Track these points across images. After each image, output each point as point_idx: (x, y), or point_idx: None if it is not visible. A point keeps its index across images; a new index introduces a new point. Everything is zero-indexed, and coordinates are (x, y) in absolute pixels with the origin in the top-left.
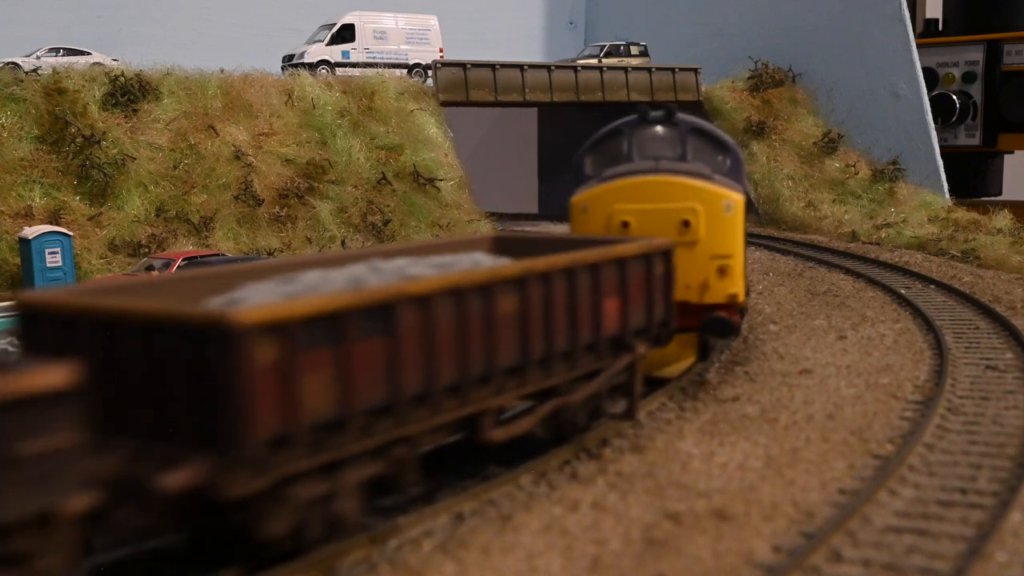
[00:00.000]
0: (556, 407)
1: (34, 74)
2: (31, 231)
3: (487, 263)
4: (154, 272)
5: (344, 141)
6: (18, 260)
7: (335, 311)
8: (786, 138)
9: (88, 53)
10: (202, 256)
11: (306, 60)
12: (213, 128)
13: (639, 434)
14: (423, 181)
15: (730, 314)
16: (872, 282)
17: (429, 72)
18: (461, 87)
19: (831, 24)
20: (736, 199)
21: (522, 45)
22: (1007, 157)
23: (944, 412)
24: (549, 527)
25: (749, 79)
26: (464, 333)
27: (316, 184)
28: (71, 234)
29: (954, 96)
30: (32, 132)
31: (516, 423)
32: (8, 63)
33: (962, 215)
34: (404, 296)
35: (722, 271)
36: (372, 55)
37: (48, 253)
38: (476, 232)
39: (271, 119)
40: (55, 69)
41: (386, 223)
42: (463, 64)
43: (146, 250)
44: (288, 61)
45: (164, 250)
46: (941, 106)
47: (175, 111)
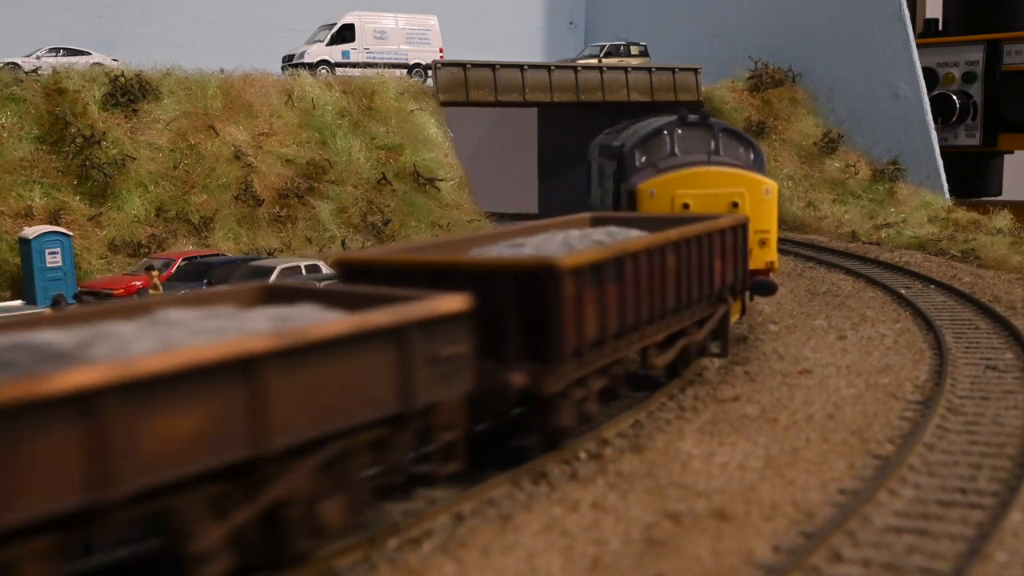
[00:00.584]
0: (685, 344)
1: (34, 74)
2: (31, 231)
3: (603, 238)
4: (154, 272)
5: (344, 141)
6: (18, 260)
7: (598, 261)
8: (786, 138)
9: (88, 53)
10: (202, 256)
11: (306, 60)
12: (213, 128)
13: (639, 434)
14: (423, 181)
15: (769, 277)
16: (872, 282)
17: (429, 72)
18: (461, 87)
19: (831, 24)
20: (772, 185)
21: (522, 45)
22: (1007, 157)
23: (944, 412)
24: (549, 527)
25: (749, 79)
26: (651, 282)
27: (316, 184)
28: (71, 234)
29: (954, 96)
30: (32, 132)
31: (664, 354)
32: (8, 63)
33: (962, 215)
34: (627, 252)
35: (762, 243)
36: (372, 55)
37: (48, 253)
38: (574, 214)
39: (271, 119)
40: (55, 69)
41: (386, 223)
42: (463, 64)
43: (146, 250)
44: (288, 61)
45: (164, 250)
46: (941, 106)
47: (175, 111)
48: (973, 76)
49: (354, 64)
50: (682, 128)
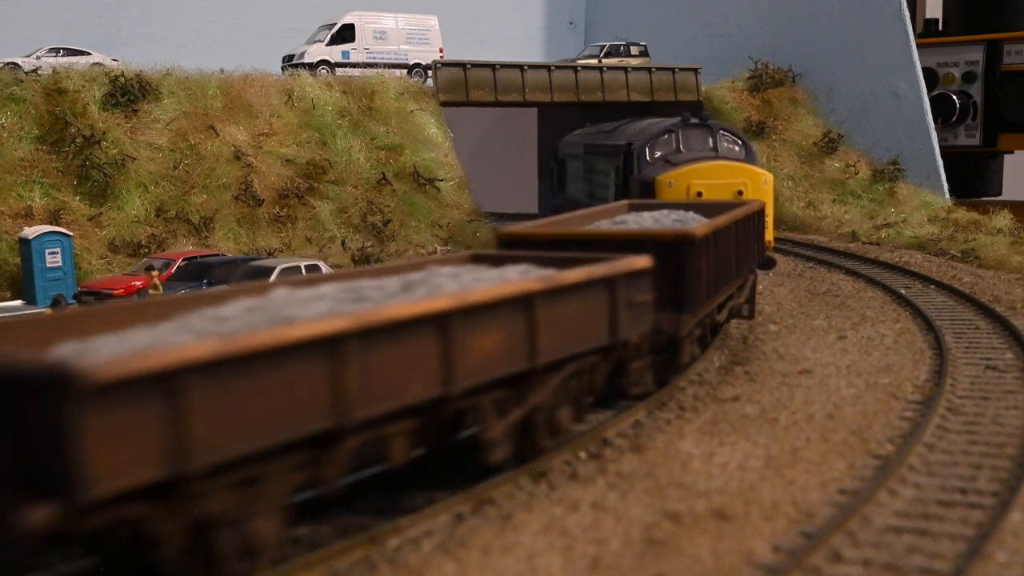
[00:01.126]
0: (732, 306)
1: (34, 74)
2: (31, 231)
3: (682, 217)
4: (154, 272)
5: (344, 141)
6: (18, 260)
7: (710, 233)
8: (786, 138)
9: (88, 53)
10: (202, 256)
11: (306, 60)
12: (213, 128)
13: (639, 434)
14: (423, 181)
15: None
16: (872, 282)
17: (429, 72)
18: (461, 87)
19: (831, 24)
20: (769, 176)
21: (522, 45)
22: (1007, 157)
23: (944, 412)
24: (549, 527)
25: (749, 79)
26: (727, 251)
27: (316, 184)
28: (71, 234)
29: (954, 96)
30: (32, 132)
31: (721, 312)
32: (8, 63)
33: (962, 215)
34: (720, 227)
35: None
36: (372, 55)
37: (48, 253)
38: (614, 203)
39: (271, 119)
40: (55, 69)
41: (386, 223)
42: (463, 64)
43: (146, 250)
44: (288, 61)
45: (164, 250)
46: (941, 106)
47: (175, 111)
48: (973, 76)
49: (354, 64)
50: (685, 128)
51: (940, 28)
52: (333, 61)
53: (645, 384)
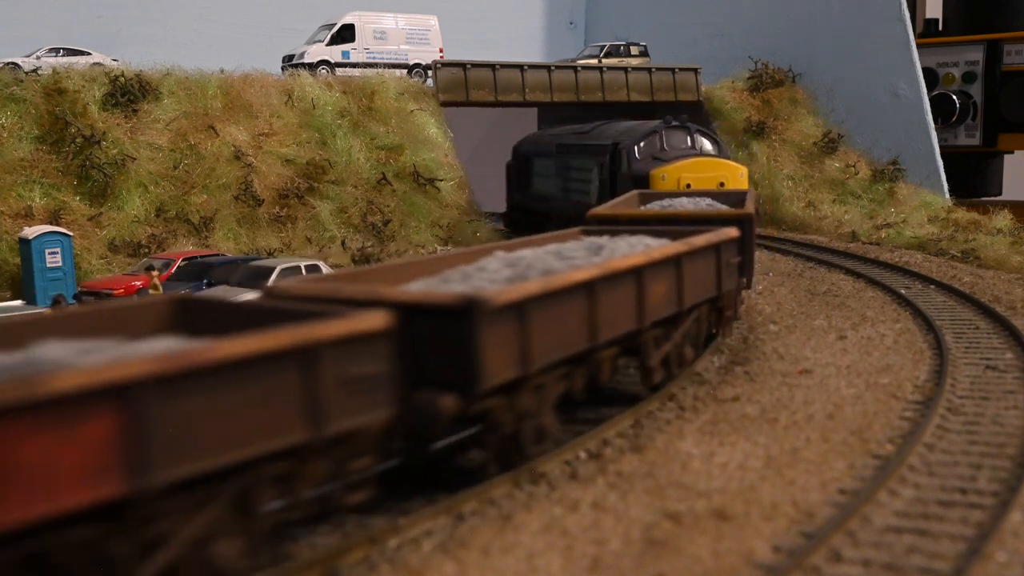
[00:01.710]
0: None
1: (34, 74)
2: (31, 231)
3: (710, 201)
4: (154, 272)
5: (344, 141)
6: (18, 260)
7: (753, 213)
8: (786, 138)
9: (88, 53)
10: (202, 256)
11: (306, 60)
12: (213, 128)
13: (639, 434)
14: (423, 181)
15: None
16: (872, 282)
17: (429, 72)
18: (461, 87)
19: (831, 24)
20: (744, 170)
21: (522, 45)
22: (1007, 157)
23: (944, 412)
24: (549, 527)
25: (749, 79)
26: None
27: (316, 184)
28: (71, 234)
29: (954, 96)
30: (32, 132)
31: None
32: (8, 63)
33: (962, 215)
34: (748, 215)
35: None
36: (372, 55)
37: (48, 253)
38: (627, 193)
39: (271, 119)
40: (55, 69)
41: (386, 223)
42: (463, 64)
43: (146, 250)
44: (288, 61)
45: (164, 250)
46: (941, 106)
47: (175, 111)
48: (973, 76)
49: (354, 64)
50: (667, 129)
51: (940, 28)
52: (333, 61)
53: (727, 334)
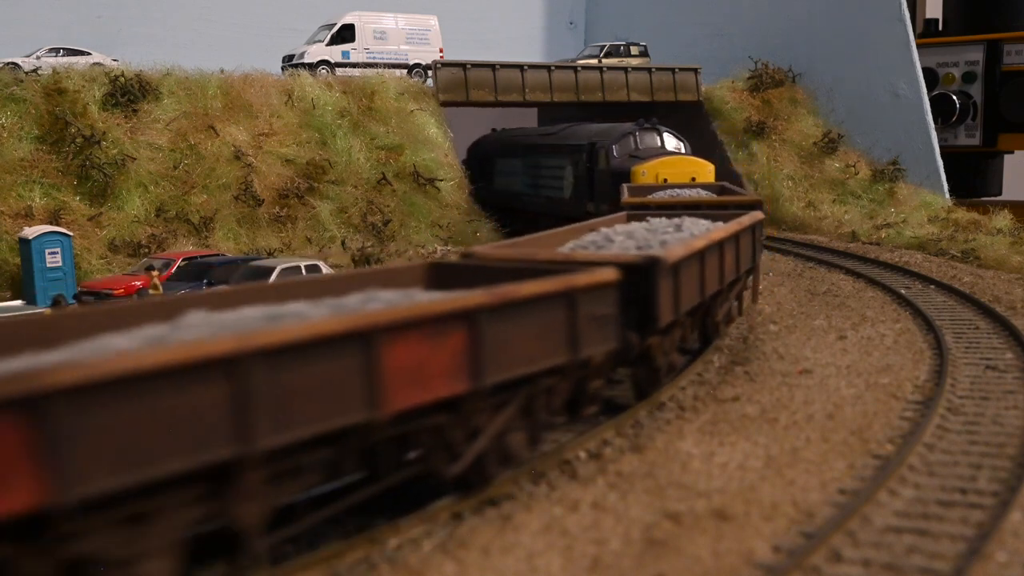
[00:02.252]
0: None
1: (34, 74)
2: (31, 231)
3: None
4: (154, 272)
5: (344, 141)
6: (18, 260)
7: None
8: (786, 138)
9: (88, 53)
10: (202, 256)
11: (306, 60)
12: (213, 128)
13: (639, 434)
14: (423, 181)
15: None
16: (872, 282)
17: (429, 72)
18: (461, 87)
19: (831, 24)
20: (711, 166)
21: (522, 45)
22: (1007, 157)
23: (944, 412)
24: (549, 527)
25: (749, 79)
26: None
27: (316, 184)
28: (71, 234)
29: (954, 96)
30: (32, 132)
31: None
32: (8, 63)
33: (962, 215)
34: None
35: None
36: (372, 55)
37: (48, 253)
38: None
39: (271, 119)
40: (55, 69)
41: (386, 223)
42: (463, 64)
43: (146, 250)
44: (288, 61)
45: (164, 250)
46: (941, 106)
47: (175, 111)
48: (973, 76)
49: (354, 64)
50: (641, 130)
51: (940, 28)
52: (333, 61)
53: (755, 300)
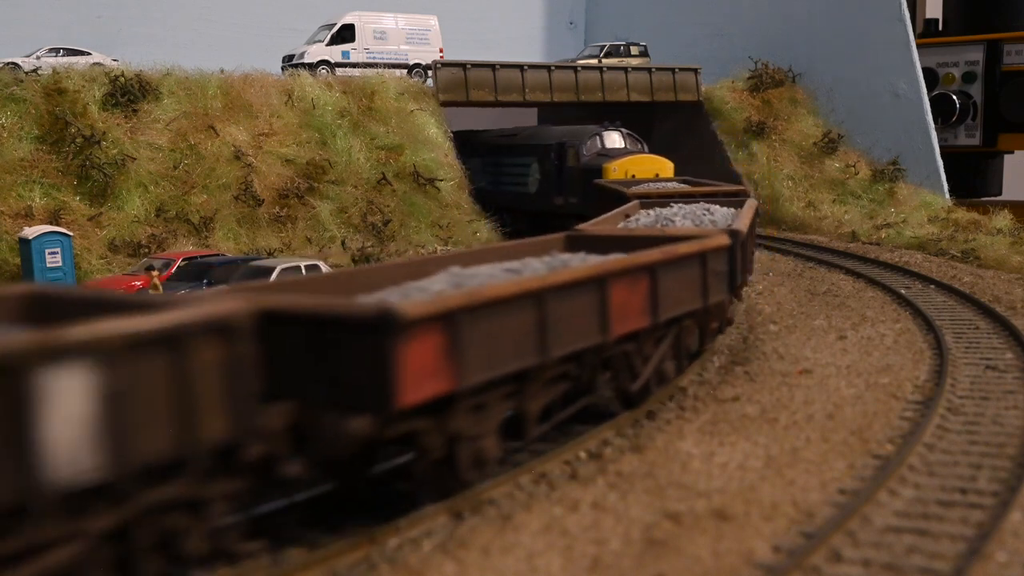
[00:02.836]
0: None
1: (34, 74)
2: (31, 231)
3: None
4: (154, 272)
5: (344, 141)
6: (18, 260)
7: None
8: (786, 138)
9: (88, 53)
10: (202, 256)
11: (306, 60)
12: (213, 128)
13: (639, 434)
14: (423, 181)
15: None
16: (872, 282)
17: (429, 72)
18: (461, 87)
19: (831, 24)
20: (671, 164)
21: (522, 45)
22: (1007, 157)
23: (944, 412)
24: (549, 527)
25: (749, 79)
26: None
27: (316, 184)
28: (71, 234)
29: (954, 96)
30: (32, 132)
31: None
32: (8, 63)
33: (962, 215)
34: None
35: None
36: (372, 55)
37: (48, 253)
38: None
39: (271, 119)
40: (55, 69)
41: (386, 223)
42: (463, 64)
43: (146, 250)
44: (288, 61)
45: (164, 250)
46: (941, 106)
47: (175, 111)
48: (973, 76)
49: (354, 64)
50: (606, 131)
51: (940, 28)
52: (333, 61)
53: (750, 271)
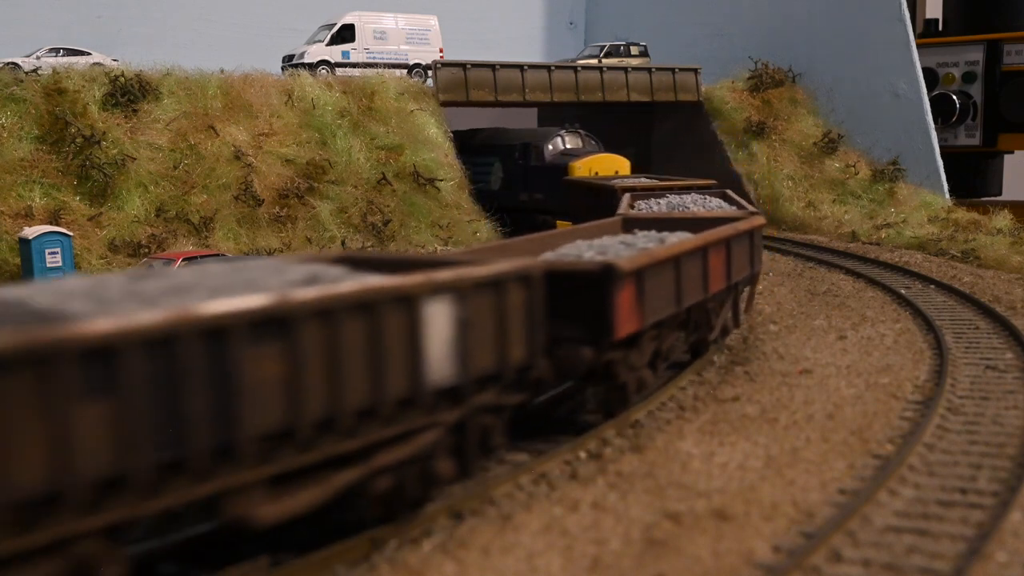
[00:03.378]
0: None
1: (34, 74)
2: (31, 231)
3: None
4: None
5: (344, 141)
6: (18, 260)
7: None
8: (786, 138)
9: (88, 53)
10: (202, 256)
11: (306, 60)
12: (213, 128)
13: (639, 434)
14: (423, 181)
15: None
16: (872, 282)
17: (429, 72)
18: (461, 87)
19: (831, 24)
20: (628, 161)
21: (522, 45)
22: (1007, 157)
23: (944, 412)
24: (549, 527)
25: (749, 79)
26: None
27: (316, 184)
28: (71, 234)
29: (954, 96)
30: (32, 132)
31: None
32: (8, 63)
33: (962, 215)
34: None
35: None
36: (372, 55)
37: (48, 253)
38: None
39: (271, 119)
40: (55, 69)
41: (386, 223)
42: (463, 64)
43: (146, 250)
44: (288, 61)
45: (164, 250)
46: (941, 106)
47: (175, 111)
48: (973, 76)
49: (354, 64)
50: (567, 132)
51: (940, 28)
52: (333, 61)
53: None
